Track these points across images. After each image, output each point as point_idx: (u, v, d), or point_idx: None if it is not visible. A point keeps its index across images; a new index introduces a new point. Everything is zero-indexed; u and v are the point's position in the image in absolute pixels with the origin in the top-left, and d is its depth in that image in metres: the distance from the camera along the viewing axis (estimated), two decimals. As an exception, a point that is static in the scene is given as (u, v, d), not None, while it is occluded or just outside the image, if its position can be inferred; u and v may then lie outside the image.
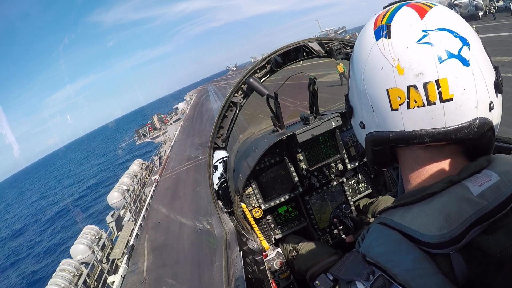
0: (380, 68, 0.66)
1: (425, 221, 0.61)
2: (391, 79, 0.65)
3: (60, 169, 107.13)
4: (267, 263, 1.93)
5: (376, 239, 0.66)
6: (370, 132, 0.74)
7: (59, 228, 34.38)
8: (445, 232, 0.58)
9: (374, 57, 0.68)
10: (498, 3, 30.17)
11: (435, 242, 0.59)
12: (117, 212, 12.25)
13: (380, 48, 0.67)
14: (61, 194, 56.21)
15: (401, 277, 0.58)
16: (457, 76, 0.62)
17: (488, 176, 0.63)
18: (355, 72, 0.74)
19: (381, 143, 0.72)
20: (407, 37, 0.64)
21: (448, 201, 0.61)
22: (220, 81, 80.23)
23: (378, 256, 0.62)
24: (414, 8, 0.67)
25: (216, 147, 2.15)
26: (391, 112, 0.66)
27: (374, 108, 0.69)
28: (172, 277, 7.87)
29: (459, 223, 0.58)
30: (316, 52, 2.09)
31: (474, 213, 0.58)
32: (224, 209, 2.11)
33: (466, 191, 0.61)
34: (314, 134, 2.16)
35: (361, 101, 0.73)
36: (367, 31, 0.73)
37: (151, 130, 32.55)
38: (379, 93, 0.67)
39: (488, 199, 0.59)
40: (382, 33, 0.68)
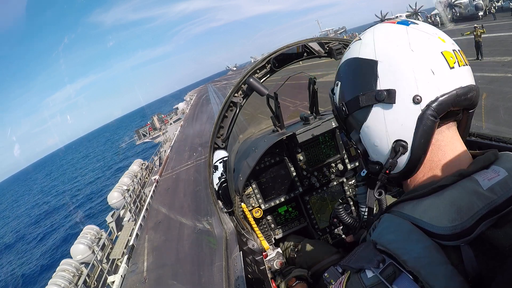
0: (427, 38, 0.76)
1: (436, 213, 0.62)
2: (441, 44, 0.76)
3: (60, 169, 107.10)
4: (267, 263, 1.93)
5: (387, 228, 0.67)
6: (431, 101, 0.76)
7: (59, 228, 34.37)
8: (457, 224, 0.59)
9: (416, 35, 0.78)
10: (498, 3, 30.13)
11: (447, 234, 0.60)
12: (117, 212, 12.25)
13: (415, 28, 0.78)
14: (61, 194, 56.19)
15: (411, 264, 0.59)
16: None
17: (496, 171, 0.65)
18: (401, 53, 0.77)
19: (446, 108, 0.74)
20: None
21: (459, 194, 0.63)
22: (220, 81, 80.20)
23: (389, 243, 0.63)
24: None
25: (216, 147, 2.15)
26: (450, 71, 0.74)
27: (434, 72, 0.74)
28: (172, 277, 7.86)
29: (469, 215, 0.59)
30: (316, 52, 2.09)
31: (484, 206, 0.59)
32: (224, 209, 2.11)
33: (476, 185, 0.62)
34: (314, 134, 2.16)
35: (415, 70, 0.76)
36: (389, 29, 0.79)
37: (151, 130, 32.54)
38: (436, 56, 0.73)
39: (497, 193, 0.60)
40: (409, 23, 0.80)
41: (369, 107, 0.74)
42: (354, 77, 0.79)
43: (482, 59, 14.56)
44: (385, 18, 46.31)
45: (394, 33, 0.75)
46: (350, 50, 0.83)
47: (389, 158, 0.74)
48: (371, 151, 0.80)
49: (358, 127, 0.79)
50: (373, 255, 0.64)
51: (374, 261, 0.63)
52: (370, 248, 0.67)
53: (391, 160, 0.73)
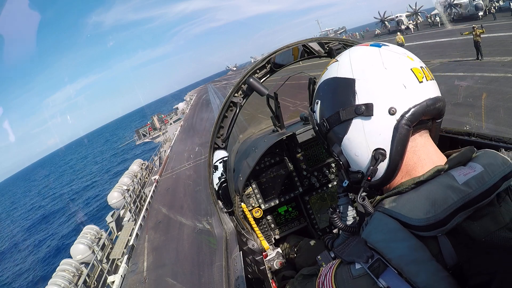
0: (398, 57, 0.85)
1: (412, 206, 0.68)
2: (409, 61, 0.85)
3: (59, 169, 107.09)
4: (267, 263, 1.93)
5: (376, 227, 0.72)
6: (404, 112, 0.82)
7: (59, 228, 34.36)
8: (431, 216, 0.64)
9: (387, 54, 0.86)
10: (498, 3, 30.12)
11: (422, 225, 0.65)
12: (117, 212, 12.24)
13: (387, 49, 0.89)
14: (60, 194, 56.18)
15: (395, 261, 0.64)
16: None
17: (473, 167, 0.70)
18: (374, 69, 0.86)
19: (418, 117, 0.81)
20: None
21: (434, 188, 0.68)
22: (220, 81, 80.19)
23: (376, 242, 0.69)
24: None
25: (216, 147, 2.15)
26: (419, 85, 0.82)
27: (406, 86, 0.82)
28: (172, 277, 7.86)
29: (444, 208, 0.64)
30: (316, 52, 2.09)
31: (458, 199, 0.64)
32: (224, 209, 2.11)
33: (452, 180, 0.68)
34: (314, 134, 2.16)
35: (387, 85, 0.84)
36: (362, 52, 0.89)
37: (151, 130, 32.54)
38: (406, 72, 0.83)
39: (472, 187, 0.65)
40: (380, 45, 0.91)
41: (349, 121, 0.81)
42: (333, 94, 0.85)
43: (482, 59, 14.54)
44: (385, 19, 46.34)
45: (368, 54, 0.84)
46: (328, 71, 0.91)
47: (370, 166, 0.80)
48: (352, 161, 0.86)
49: (339, 140, 0.86)
50: (363, 251, 0.70)
51: (364, 257, 0.69)
52: (361, 244, 0.72)
53: (372, 167, 0.79)
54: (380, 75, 0.79)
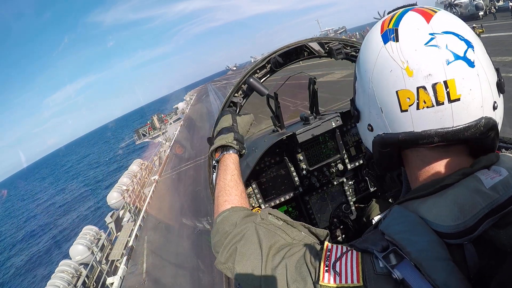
0: (389, 70, 0.67)
1: (440, 212, 0.63)
2: (400, 81, 0.66)
3: (59, 169, 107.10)
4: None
5: (395, 219, 0.68)
6: (378, 135, 0.74)
7: (58, 228, 34.35)
8: (460, 222, 0.60)
9: (383, 60, 0.69)
10: (498, 3, 30.17)
11: (450, 232, 0.60)
12: (116, 213, 12.24)
13: (389, 51, 0.68)
14: (60, 193, 56.17)
15: (414, 255, 0.60)
16: (464, 77, 0.63)
17: (497, 171, 0.65)
18: (362, 76, 0.75)
19: (390, 145, 0.73)
20: (415, 40, 0.66)
21: (462, 192, 0.63)
22: (220, 81, 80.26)
23: (395, 233, 0.64)
24: (420, 13, 0.69)
25: (215, 147, 2.14)
26: (401, 114, 0.67)
27: (383, 110, 0.70)
28: (172, 278, 7.86)
29: (472, 214, 0.59)
30: (316, 52, 2.08)
31: (486, 205, 0.59)
32: (224, 209, 2.10)
33: (479, 183, 0.62)
34: (314, 134, 2.15)
35: (370, 103, 0.74)
36: (374, 35, 0.74)
37: (151, 130, 32.54)
38: (388, 95, 0.68)
39: (500, 192, 0.60)
40: (390, 37, 0.69)
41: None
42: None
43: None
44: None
45: (370, 50, 0.74)
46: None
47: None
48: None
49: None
50: (379, 239, 0.66)
51: (379, 245, 0.64)
52: (377, 234, 0.68)
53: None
54: (367, 86, 0.74)
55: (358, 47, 2.07)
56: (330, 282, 0.65)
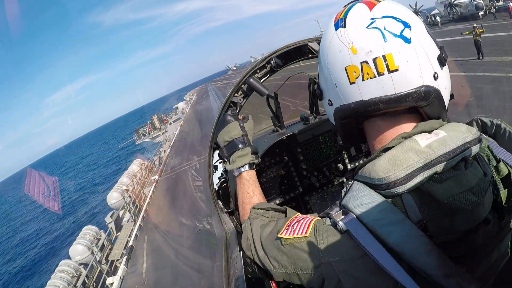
0: (338, 51, 0.79)
1: (376, 168, 0.72)
2: (347, 58, 0.77)
3: (59, 169, 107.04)
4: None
5: (354, 195, 0.76)
6: (336, 107, 0.85)
7: (58, 228, 34.34)
8: (390, 174, 0.68)
9: (334, 43, 0.81)
10: (498, 2, 30.16)
11: (381, 184, 0.69)
12: (116, 213, 12.25)
13: (338, 36, 0.80)
14: (60, 193, 56.17)
15: (370, 224, 0.68)
16: (400, 51, 0.74)
17: (436, 133, 0.73)
18: (320, 59, 0.87)
19: (346, 115, 0.83)
20: (359, 25, 0.77)
21: (397, 151, 0.72)
22: (220, 81, 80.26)
23: (354, 207, 0.72)
24: (366, 4, 0.80)
25: (216, 147, 2.14)
26: (350, 86, 0.78)
27: (337, 85, 0.81)
28: (172, 278, 7.86)
29: (403, 167, 0.68)
30: (316, 52, 2.08)
31: (419, 159, 0.68)
32: (224, 209, 2.11)
33: (415, 143, 0.71)
34: (314, 134, 2.15)
35: (327, 81, 0.85)
36: (329, 25, 0.86)
37: (151, 130, 32.54)
38: (339, 71, 0.79)
39: (434, 149, 0.68)
40: (340, 24, 0.81)
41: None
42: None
43: (483, 58, 14.56)
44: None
45: (326, 37, 0.86)
46: None
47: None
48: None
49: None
50: (335, 206, 0.78)
51: (333, 209, 0.78)
52: (335, 206, 0.79)
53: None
54: (324, 65, 0.85)
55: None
56: (285, 235, 0.84)
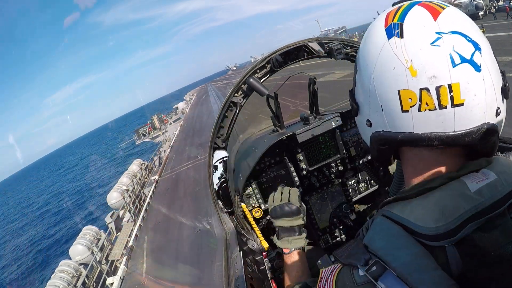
0: (391, 68, 0.64)
1: (422, 213, 0.63)
2: (403, 80, 0.63)
3: (59, 169, 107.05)
4: (267, 263, 1.93)
5: (379, 232, 0.68)
6: (377, 131, 0.72)
7: (58, 228, 34.34)
8: (441, 225, 0.60)
9: (386, 56, 0.66)
10: (498, 2, 30.19)
11: (431, 234, 0.61)
12: (116, 213, 12.25)
13: (392, 47, 0.65)
14: (60, 193, 56.15)
15: (399, 270, 0.60)
16: (469, 81, 0.61)
17: (486, 174, 0.64)
18: (362, 70, 0.73)
19: (389, 143, 0.71)
20: (421, 38, 0.63)
21: (445, 195, 0.63)
22: (220, 81, 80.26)
23: (379, 249, 0.65)
24: (427, 8, 0.66)
25: (216, 147, 2.14)
26: (401, 114, 0.65)
27: (383, 108, 0.68)
28: (172, 278, 7.86)
29: (454, 217, 0.60)
30: (316, 52, 2.08)
31: (470, 208, 0.59)
32: (224, 209, 2.11)
33: (464, 187, 0.63)
34: (314, 134, 2.16)
35: (370, 99, 0.71)
36: (377, 28, 0.70)
37: (151, 130, 32.54)
38: (389, 93, 0.65)
39: (485, 196, 0.60)
40: (394, 32, 0.66)
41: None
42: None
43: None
44: (385, 19, 46.25)
45: (372, 43, 0.70)
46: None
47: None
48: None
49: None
50: (362, 253, 0.67)
51: (362, 259, 0.65)
52: (361, 248, 0.69)
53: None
54: (367, 80, 0.72)
55: (358, 47, 2.07)
56: None
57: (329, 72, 23.03)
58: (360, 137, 0.84)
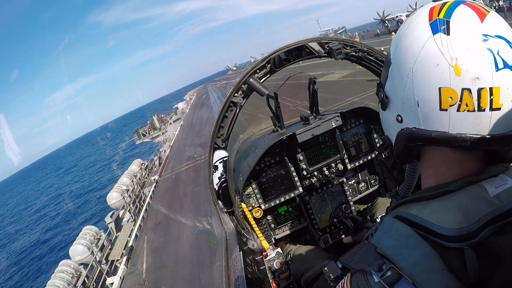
0: (435, 64, 0.63)
1: (443, 215, 0.64)
2: (446, 78, 0.62)
3: (58, 169, 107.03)
4: (267, 263, 1.93)
5: (387, 232, 0.69)
6: (408, 128, 0.71)
7: (58, 228, 34.32)
8: (463, 226, 0.60)
9: (430, 51, 0.64)
10: (498, 2, 30.24)
11: (453, 235, 0.61)
12: (116, 213, 12.23)
13: (438, 43, 0.63)
14: (59, 193, 56.13)
15: (407, 270, 0.60)
16: (509, 86, 0.61)
17: (504, 180, 0.65)
18: (401, 62, 0.70)
19: (419, 140, 0.69)
20: (468, 38, 0.62)
21: (466, 198, 0.64)
22: (220, 81, 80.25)
23: (387, 248, 0.65)
24: (473, 9, 0.65)
25: (216, 147, 2.14)
26: (439, 112, 0.64)
27: (419, 104, 0.66)
28: (172, 278, 7.86)
29: (476, 219, 0.60)
30: (316, 52, 2.08)
31: (489, 212, 0.60)
32: (224, 209, 2.11)
33: (484, 191, 0.63)
34: (314, 134, 2.16)
35: (405, 94, 0.69)
36: (420, 21, 0.68)
37: (151, 130, 32.52)
38: (429, 89, 0.64)
39: (503, 201, 0.61)
40: (440, 28, 0.64)
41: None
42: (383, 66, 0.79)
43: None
44: (386, 18, 46.44)
45: (414, 37, 0.68)
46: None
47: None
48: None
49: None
50: (374, 258, 0.66)
51: (375, 265, 0.64)
52: (371, 251, 0.68)
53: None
54: (404, 75, 0.70)
55: (358, 47, 2.07)
56: None
57: (329, 72, 23.03)
58: (360, 137, 0.84)
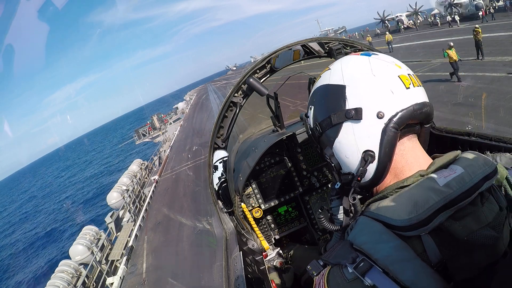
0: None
1: (395, 208, 0.72)
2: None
3: (58, 169, 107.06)
4: (267, 263, 1.93)
5: (362, 230, 0.76)
6: (392, 116, 0.85)
7: (58, 228, 34.33)
8: (413, 216, 0.68)
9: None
10: (498, 3, 30.22)
11: (405, 225, 0.69)
12: (116, 213, 12.22)
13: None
14: (60, 193, 56.14)
15: (381, 262, 0.67)
16: None
17: (453, 169, 0.73)
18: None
19: (405, 121, 0.85)
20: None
21: (416, 191, 0.73)
22: (220, 81, 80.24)
23: (363, 243, 0.72)
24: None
25: (216, 147, 2.14)
26: (407, 91, 0.86)
27: (393, 92, 0.86)
28: (172, 278, 7.86)
29: (425, 208, 0.68)
30: (316, 52, 2.08)
31: (439, 200, 0.67)
32: (224, 209, 2.11)
33: (433, 182, 0.71)
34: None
35: (376, 91, 0.88)
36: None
37: (151, 130, 32.53)
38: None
39: (453, 188, 0.68)
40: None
41: (340, 124, 0.87)
42: (326, 100, 0.91)
43: (483, 58, 14.53)
44: (385, 18, 46.47)
45: (358, 62, 0.89)
46: (321, 78, 0.97)
47: (360, 167, 0.85)
48: (343, 163, 0.92)
49: (331, 144, 0.92)
50: (348, 252, 0.73)
51: (349, 258, 0.71)
52: (346, 247, 0.75)
53: (361, 168, 0.85)
54: (369, 82, 0.84)
55: (358, 47, 2.07)
56: None
57: (329, 72, 22.97)
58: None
